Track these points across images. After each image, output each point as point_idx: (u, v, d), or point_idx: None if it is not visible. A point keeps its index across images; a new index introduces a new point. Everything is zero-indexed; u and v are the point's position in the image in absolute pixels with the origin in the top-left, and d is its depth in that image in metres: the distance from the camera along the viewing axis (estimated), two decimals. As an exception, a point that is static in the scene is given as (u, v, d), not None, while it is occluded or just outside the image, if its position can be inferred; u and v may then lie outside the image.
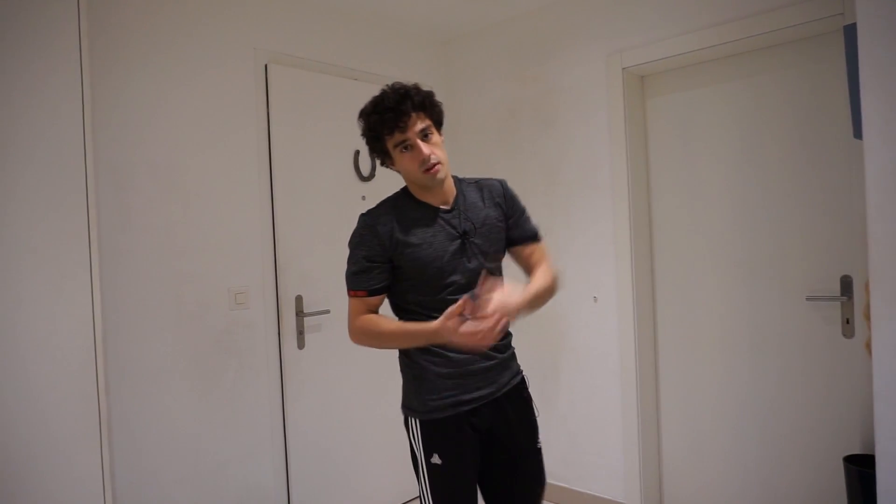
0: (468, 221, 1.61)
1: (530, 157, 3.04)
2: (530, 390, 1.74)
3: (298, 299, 2.63)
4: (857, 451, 2.21)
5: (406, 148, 1.54)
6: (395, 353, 1.65)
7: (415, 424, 1.60)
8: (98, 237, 1.91)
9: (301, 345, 2.64)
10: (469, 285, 1.53)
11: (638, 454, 2.70)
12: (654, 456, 2.78)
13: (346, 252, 2.84)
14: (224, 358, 2.42)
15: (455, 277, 1.57)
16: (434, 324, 1.45)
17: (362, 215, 1.61)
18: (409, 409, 1.63)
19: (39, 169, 1.79)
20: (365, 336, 1.59)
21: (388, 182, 2.98)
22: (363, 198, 2.90)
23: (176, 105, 2.32)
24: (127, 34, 2.20)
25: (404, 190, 1.66)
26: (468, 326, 1.38)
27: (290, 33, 2.69)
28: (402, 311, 1.63)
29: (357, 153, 2.88)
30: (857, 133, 1.66)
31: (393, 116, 1.50)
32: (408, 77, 3.14)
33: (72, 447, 1.83)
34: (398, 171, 1.63)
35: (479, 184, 1.69)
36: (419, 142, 1.52)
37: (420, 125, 1.53)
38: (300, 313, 2.63)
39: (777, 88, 2.42)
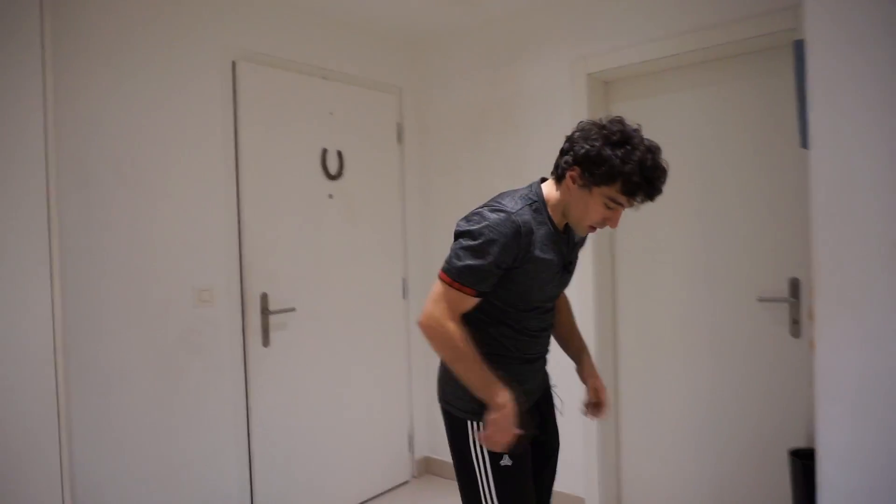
0: (571, 253, 1.68)
1: (495, 158, 3.09)
2: None
3: (264, 297, 2.63)
4: (801, 445, 2.32)
5: (609, 206, 1.52)
6: (360, 353, 1.64)
7: (479, 427, 1.58)
8: (59, 234, 1.88)
9: (266, 342, 2.63)
10: (545, 310, 1.66)
11: (597, 449, 2.78)
12: (613, 451, 2.86)
13: (312, 250, 2.81)
14: (188, 356, 2.41)
15: (542, 301, 1.63)
16: (501, 400, 1.48)
17: (513, 216, 1.50)
18: (471, 413, 1.58)
19: (-2, 163, 1.76)
20: (447, 339, 1.49)
21: (356, 182, 3.01)
22: (330, 196, 2.91)
23: (141, 101, 2.30)
24: (91, 29, 2.17)
25: (543, 202, 1.60)
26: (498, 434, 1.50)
27: (258, 31, 2.68)
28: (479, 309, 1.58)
29: (324, 151, 2.89)
30: (804, 143, 1.75)
31: (645, 192, 1.49)
32: (377, 76, 3.16)
33: (31, 447, 1.80)
34: (570, 192, 1.55)
35: None
36: (620, 213, 1.56)
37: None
38: (265, 311, 2.63)
39: (733, 98, 2.52)
